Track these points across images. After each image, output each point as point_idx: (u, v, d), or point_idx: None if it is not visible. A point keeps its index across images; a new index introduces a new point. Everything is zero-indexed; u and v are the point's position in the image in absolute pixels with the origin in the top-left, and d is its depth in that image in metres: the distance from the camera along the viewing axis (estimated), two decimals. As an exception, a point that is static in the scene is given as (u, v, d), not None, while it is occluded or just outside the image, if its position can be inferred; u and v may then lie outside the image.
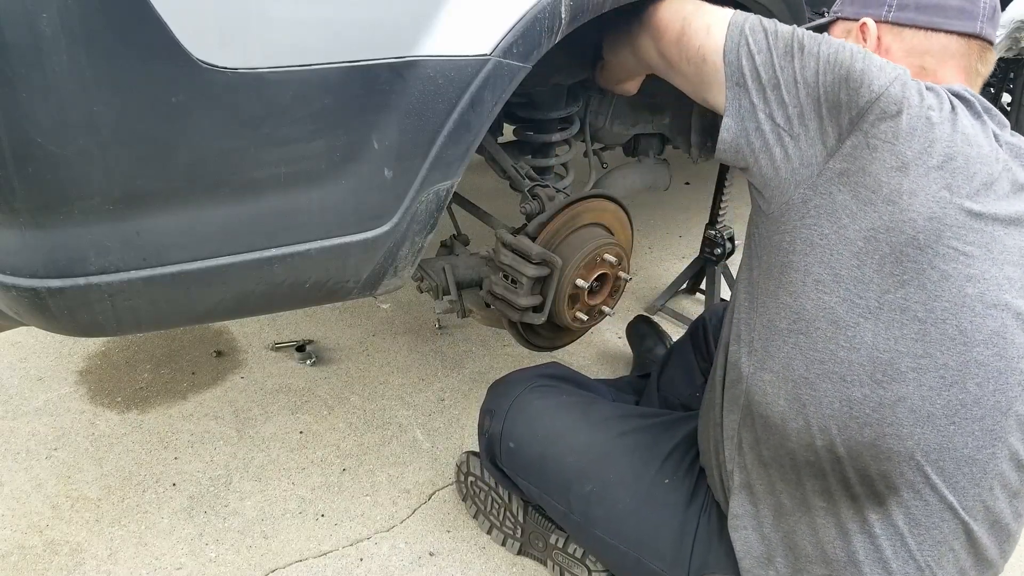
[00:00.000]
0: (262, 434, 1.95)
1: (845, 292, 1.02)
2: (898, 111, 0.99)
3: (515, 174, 1.60)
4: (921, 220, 0.98)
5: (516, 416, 1.46)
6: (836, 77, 1.02)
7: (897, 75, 1.01)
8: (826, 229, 1.03)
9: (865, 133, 1.00)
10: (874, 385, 1.02)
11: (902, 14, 1.14)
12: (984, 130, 1.03)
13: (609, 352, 2.33)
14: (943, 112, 1.00)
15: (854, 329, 1.02)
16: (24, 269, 0.93)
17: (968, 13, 1.12)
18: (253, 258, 1.04)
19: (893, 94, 0.99)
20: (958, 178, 0.99)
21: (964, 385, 1.01)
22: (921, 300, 0.99)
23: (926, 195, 0.98)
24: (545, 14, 1.09)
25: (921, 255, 0.98)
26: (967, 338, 1.00)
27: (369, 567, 1.61)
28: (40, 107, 0.83)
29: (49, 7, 0.79)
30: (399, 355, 2.27)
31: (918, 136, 0.98)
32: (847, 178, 1.01)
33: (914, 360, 1.00)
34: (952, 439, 1.02)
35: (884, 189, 0.99)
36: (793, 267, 1.06)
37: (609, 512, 1.33)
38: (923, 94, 1.01)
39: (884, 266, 1.00)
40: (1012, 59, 2.86)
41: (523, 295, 1.47)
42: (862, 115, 1.00)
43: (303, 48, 0.94)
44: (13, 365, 2.17)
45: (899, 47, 1.14)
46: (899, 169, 0.98)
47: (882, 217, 0.99)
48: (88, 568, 1.59)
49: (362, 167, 1.05)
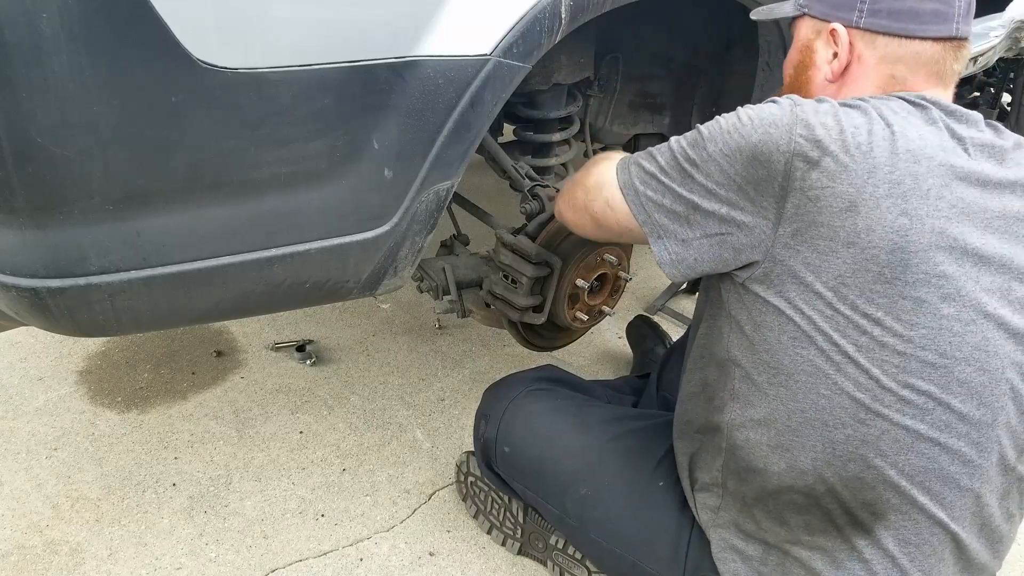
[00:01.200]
0: (262, 434, 1.95)
1: (822, 343, 1.01)
2: (819, 155, 0.96)
3: (515, 174, 1.60)
4: (884, 254, 0.96)
5: (511, 420, 1.45)
6: (742, 162, 1.00)
7: (795, 118, 0.98)
8: (792, 292, 1.01)
9: (800, 190, 0.98)
10: (857, 424, 1.01)
11: (874, 20, 1.08)
12: (939, 136, 0.99)
13: (609, 352, 2.33)
14: (873, 134, 0.97)
15: (834, 376, 1.01)
16: (24, 269, 0.93)
17: (943, 16, 1.07)
18: (253, 258, 1.04)
19: (804, 142, 0.96)
20: (911, 201, 0.95)
21: (947, 406, 0.99)
22: (898, 332, 0.97)
23: (883, 227, 0.95)
24: (545, 14, 1.09)
25: (891, 288, 0.97)
26: (948, 360, 0.98)
27: (369, 567, 1.61)
28: (40, 107, 0.83)
29: (49, 7, 0.79)
30: (399, 355, 2.27)
31: (853, 169, 0.95)
32: (801, 236, 0.99)
33: (896, 393, 0.99)
34: (937, 459, 1.01)
35: (841, 233, 0.97)
36: (766, 326, 1.05)
37: (605, 515, 1.33)
38: (840, 120, 0.97)
39: (856, 308, 0.98)
40: (1012, 59, 2.86)
41: (523, 295, 1.47)
42: (788, 177, 0.98)
43: (303, 48, 0.94)
44: (13, 365, 2.17)
45: (871, 55, 1.10)
46: (848, 209, 0.96)
47: (846, 262, 0.97)
48: (88, 568, 1.59)
49: (362, 167, 1.05)
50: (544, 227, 1.47)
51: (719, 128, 1.03)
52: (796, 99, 1.02)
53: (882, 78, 1.09)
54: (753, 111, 1.02)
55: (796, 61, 1.19)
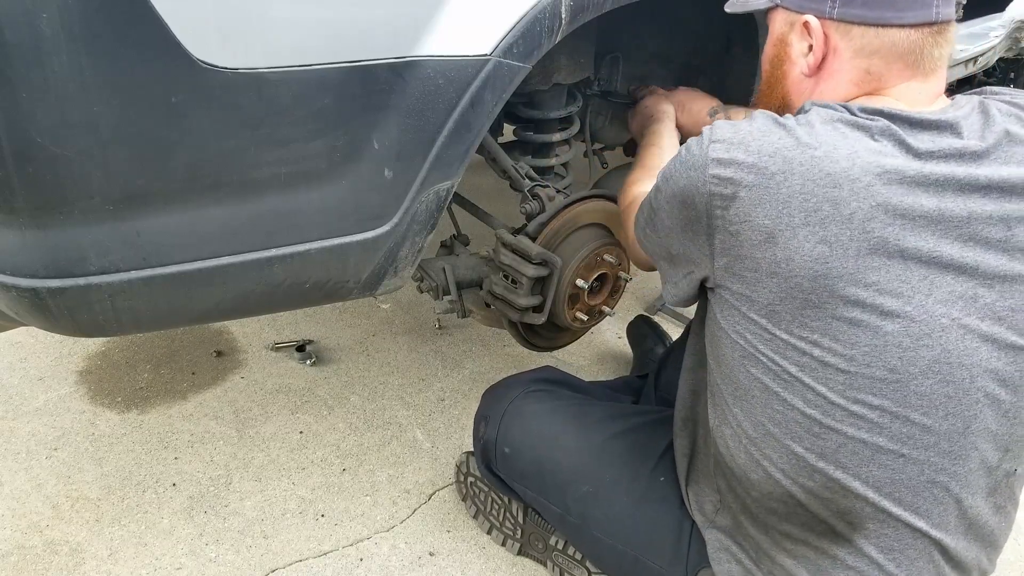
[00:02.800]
0: (262, 434, 1.95)
1: (767, 364, 1.02)
2: (734, 191, 0.97)
3: (515, 174, 1.60)
4: (807, 282, 0.95)
5: (510, 422, 1.46)
6: (678, 206, 1.05)
7: (707, 158, 0.99)
8: (734, 317, 1.04)
9: (723, 227, 0.99)
10: (813, 438, 1.01)
11: (848, 10, 1.03)
12: (880, 152, 0.95)
13: (609, 352, 2.33)
14: (790, 161, 0.94)
15: (783, 393, 1.02)
16: (24, 269, 0.93)
17: (921, 1, 1.01)
18: (253, 258, 1.04)
19: (717, 182, 0.97)
20: (831, 227, 0.93)
21: (907, 418, 0.98)
22: (837, 352, 0.97)
23: (803, 257, 0.94)
24: (545, 14, 1.09)
25: (822, 311, 0.96)
26: (900, 375, 0.97)
27: (369, 567, 1.61)
28: (40, 107, 0.83)
29: (49, 7, 0.79)
30: (399, 355, 2.27)
31: (767, 200, 0.95)
32: (731, 269, 1.02)
33: (846, 408, 0.99)
34: (903, 471, 1.00)
35: (763, 265, 0.97)
36: (723, 344, 1.08)
37: (606, 512, 1.33)
38: (758, 148, 0.96)
39: (792, 332, 0.98)
40: (1012, 59, 2.86)
41: (523, 295, 1.47)
42: (710, 215, 1.00)
43: (303, 48, 0.94)
44: (13, 365, 2.17)
45: (847, 47, 1.05)
46: (767, 241, 0.96)
47: (772, 291, 0.98)
48: (88, 568, 1.59)
49: (362, 167, 1.05)
50: (544, 227, 1.47)
51: (664, 174, 1.08)
52: (716, 131, 1.01)
53: (857, 74, 1.06)
54: (683, 152, 1.04)
55: (771, 56, 1.17)
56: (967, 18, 2.11)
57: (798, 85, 1.13)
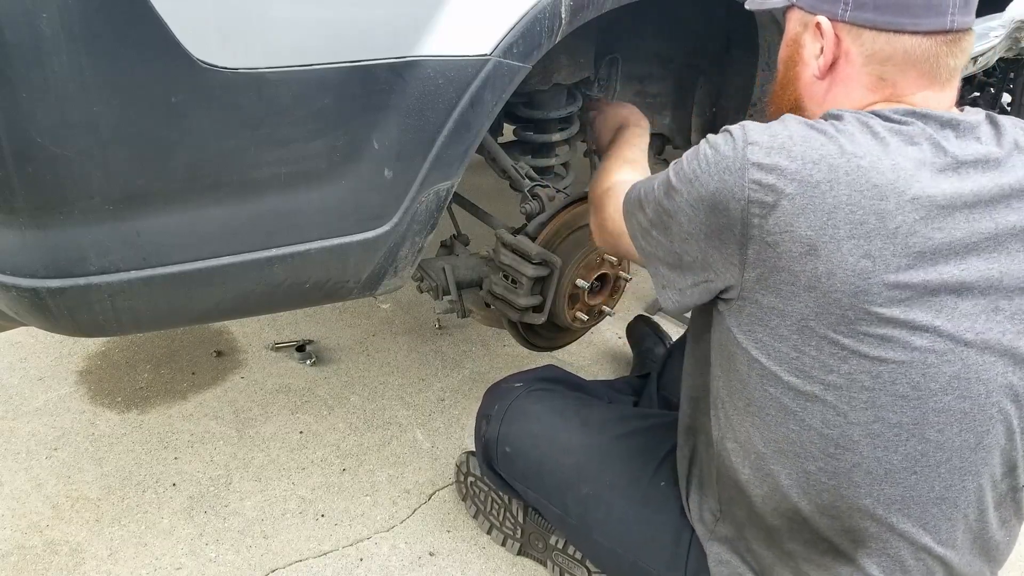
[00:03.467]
0: (262, 434, 1.95)
1: (788, 383, 1.00)
2: (775, 199, 0.92)
3: (515, 174, 1.60)
4: (846, 298, 0.92)
5: (512, 421, 1.45)
6: (705, 211, 0.99)
7: (746, 161, 0.94)
8: (759, 331, 1.01)
9: (759, 237, 0.95)
10: (827, 458, 1.00)
11: (860, 14, 1.01)
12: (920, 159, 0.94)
13: (609, 352, 2.33)
14: (835, 168, 0.92)
15: (802, 414, 1.00)
16: (24, 269, 0.93)
17: (936, 8, 0.97)
18: (253, 258, 1.04)
19: (757, 188, 0.93)
20: (875, 241, 0.91)
21: (922, 435, 0.97)
22: (865, 369, 0.95)
23: (845, 271, 0.92)
24: (545, 14, 1.09)
25: (856, 328, 0.94)
26: (921, 392, 0.95)
27: (369, 567, 1.61)
28: (40, 107, 0.83)
29: (49, 7, 0.79)
30: (399, 355, 2.27)
31: (811, 211, 0.91)
32: (765, 281, 0.98)
33: (865, 427, 0.97)
34: (915, 488, 0.99)
35: (802, 278, 0.94)
36: (738, 359, 1.05)
37: (606, 515, 1.33)
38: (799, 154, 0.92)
39: (823, 350, 0.96)
40: (1012, 59, 2.86)
41: (523, 295, 1.47)
42: (746, 224, 0.96)
43: (303, 48, 0.94)
44: (13, 365, 2.17)
45: (858, 52, 1.02)
46: (808, 253, 0.92)
47: (808, 305, 0.95)
48: (88, 568, 1.59)
49: (362, 167, 1.05)
50: (544, 227, 1.47)
51: (684, 175, 1.02)
52: (750, 132, 0.97)
53: (870, 80, 1.03)
54: (710, 152, 0.99)
55: (785, 56, 1.15)
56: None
57: (810, 88, 1.10)
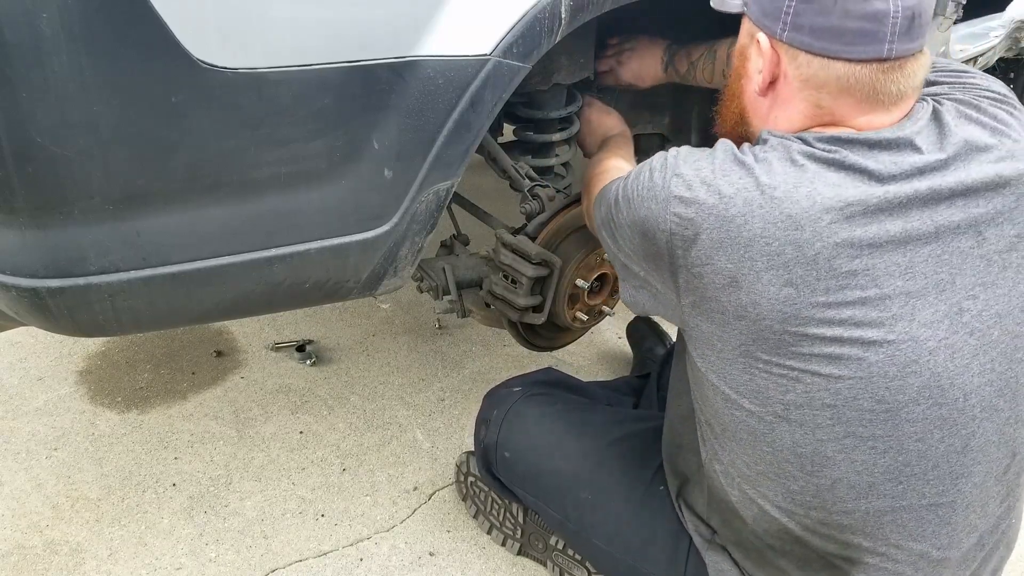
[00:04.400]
0: (262, 434, 1.95)
1: (750, 406, 1.00)
2: (694, 233, 0.94)
3: (515, 174, 1.60)
4: (777, 324, 0.92)
5: (511, 425, 1.45)
6: (639, 236, 1.02)
7: (669, 194, 0.96)
8: (710, 356, 1.02)
9: (685, 267, 0.97)
10: (807, 476, 0.99)
11: (796, 35, 0.97)
12: (842, 184, 0.92)
13: (609, 352, 2.33)
14: (750, 202, 0.92)
15: (771, 435, 0.99)
16: (24, 269, 0.93)
17: (872, 35, 0.93)
18: (253, 258, 1.04)
19: (678, 221, 0.95)
20: (796, 269, 0.91)
21: (900, 447, 0.95)
22: (821, 387, 0.94)
23: (769, 300, 0.92)
24: (545, 14, 1.09)
25: (798, 349, 0.93)
26: (889, 404, 0.94)
27: (369, 567, 1.61)
28: (40, 107, 0.83)
29: (49, 7, 0.79)
30: (399, 355, 2.27)
31: (729, 244, 0.92)
32: (699, 309, 0.99)
33: (837, 443, 0.96)
34: (903, 497, 0.97)
35: (729, 308, 0.95)
36: (704, 384, 1.06)
37: (605, 519, 1.33)
38: (717, 188, 0.93)
39: (772, 372, 0.96)
40: (1012, 59, 2.86)
41: (523, 295, 1.47)
42: (672, 253, 0.97)
43: (303, 48, 0.94)
44: (13, 365, 2.17)
45: (795, 74, 0.99)
46: (730, 285, 0.93)
47: (743, 332, 0.95)
48: (88, 568, 1.59)
49: (362, 167, 1.05)
50: (544, 227, 1.47)
51: (627, 193, 1.04)
52: (679, 163, 0.98)
53: (808, 106, 1.00)
54: (646, 176, 1.01)
55: (735, 66, 1.13)
56: (967, 18, 2.11)
57: (754, 103, 1.08)
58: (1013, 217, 0.97)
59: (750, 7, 1.04)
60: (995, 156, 0.97)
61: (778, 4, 0.98)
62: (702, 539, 1.21)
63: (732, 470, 1.08)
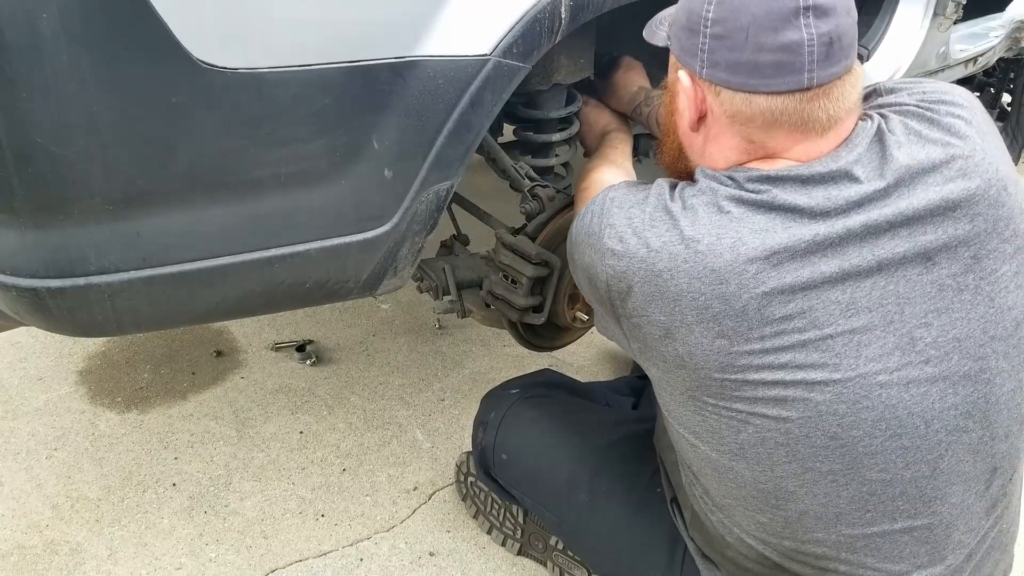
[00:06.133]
0: (262, 434, 1.95)
1: (708, 445, 1.00)
2: (628, 286, 0.95)
3: (515, 174, 1.60)
4: (715, 372, 0.92)
5: (508, 428, 1.46)
6: (584, 279, 1.05)
7: (604, 247, 0.97)
8: (664, 397, 1.04)
9: (625, 315, 0.98)
10: (774, 509, 0.99)
11: (714, 72, 0.94)
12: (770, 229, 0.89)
13: (609, 352, 2.33)
14: (675, 257, 0.91)
15: (732, 472, 1.00)
16: (24, 269, 0.93)
17: (789, 67, 0.89)
18: (253, 258, 1.04)
19: (613, 274, 0.96)
20: (726, 322, 0.89)
21: (863, 477, 0.93)
22: (771, 427, 0.93)
23: (703, 352, 0.91)
24: (545, 14, 1.09)
25: (741, 394, 0.93)
26: (843, 440, 0.92)
27: (369, 567, 1.61)
28: (40, 107, 0.83)
29: (49, 7, 0.79)
30: (399, 355, 2.27)
31: (659, 299, 0.92)
32: (644, 356, 1.01)
33: (797, 478, 0.95)
34: (875, 524, 0.96)
35: (669, 357, 0.96)
36: (668, 421, 1.08)
37: (603, 521, 1.33)
38: (645, 242, 0.93)
39: (720, 414, 0.96)
40: (1012, 59, 2.86)
41: (523, 295, 1.47)
42: (611, 302, 0.99)
43: (303, 48, 0.94)
44: (13, 365, 2.17)
45: (720, 110, 0.96)
46: (665, 337, 0.94)
47: (685, 380, 0.96)
48: (88, 568, 1.59)
49: (362, 167, 1.05)
50: (544, 227, 1.47)
51: (573, 238, 1.07)
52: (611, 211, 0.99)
53: (740, 140, 0.97)
54: (585, 221, 1.03)
55: (665, 101, 1.10)
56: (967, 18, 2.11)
57: (688, 138, 1.05)
58: (968, 240, 0.92)
59: (672, 43, 1.02)
60: (943, 177, 0.92)
61: (693, 41, 0.95)
62: (695, 546, 1.22)
63: (707, 499, 1.10)
